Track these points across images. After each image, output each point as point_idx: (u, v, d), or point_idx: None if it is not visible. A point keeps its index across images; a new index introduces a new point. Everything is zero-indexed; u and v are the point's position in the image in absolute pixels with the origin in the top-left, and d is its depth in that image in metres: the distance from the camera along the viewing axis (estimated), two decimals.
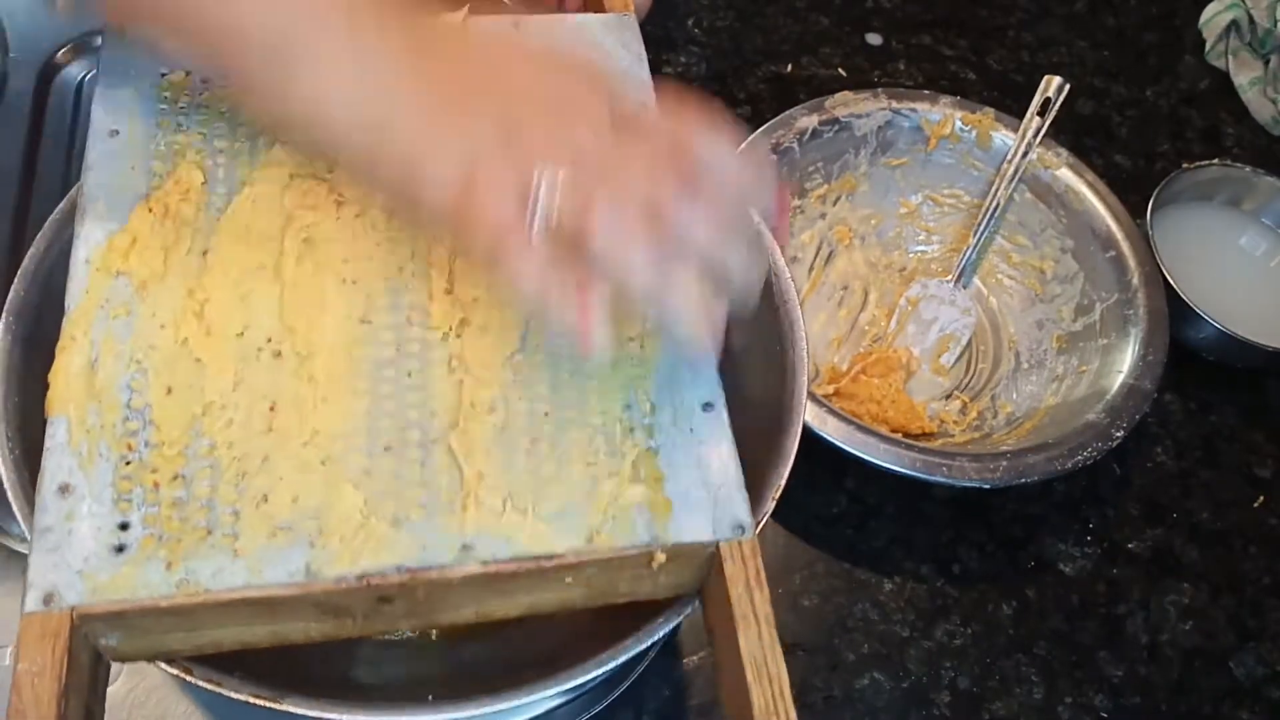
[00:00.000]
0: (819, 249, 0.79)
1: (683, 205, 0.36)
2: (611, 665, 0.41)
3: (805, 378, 0.50)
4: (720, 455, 0.40)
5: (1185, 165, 0.83)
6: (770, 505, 0.45)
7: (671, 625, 0.42)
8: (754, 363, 0.52)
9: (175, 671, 0.38)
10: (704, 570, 0.39)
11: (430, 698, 0.39)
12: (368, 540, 0.36)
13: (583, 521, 0.37)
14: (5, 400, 0.44)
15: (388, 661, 0.52)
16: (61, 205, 0.48)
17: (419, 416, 0.39)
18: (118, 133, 0.44)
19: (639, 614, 0.42)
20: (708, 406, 0.41)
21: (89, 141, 0.44)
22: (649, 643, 0.41)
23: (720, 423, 0.41)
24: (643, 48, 0.51)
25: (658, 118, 0.38)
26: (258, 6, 0.37)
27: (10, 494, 0.41)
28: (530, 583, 0.37)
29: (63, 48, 0.73)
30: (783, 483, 0.46)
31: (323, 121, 0.38)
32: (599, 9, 0.53)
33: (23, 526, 0.40)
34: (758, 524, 0.40)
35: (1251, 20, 0.95)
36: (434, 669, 0.53)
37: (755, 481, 0.41)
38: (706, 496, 0.39)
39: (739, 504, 0.39)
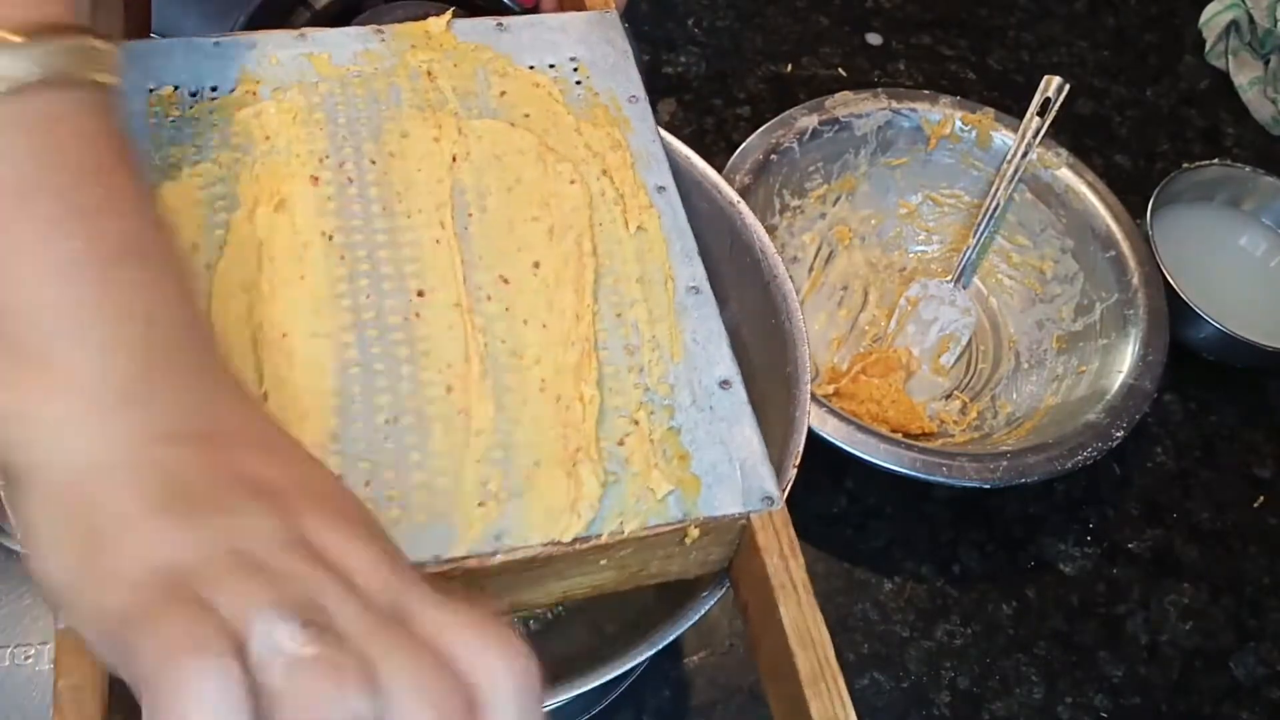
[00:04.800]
0: (819, 249, 0.79)
1: None
2: (625, 667, 0.41)
3: (806, 347, 0.50)
4: (742, 430, 0.40)
5: (1185, 165, 0.83)
6: (792, 474, 0.45)
7: (692, 621, 0.42)
8: (753, 340, 0.53)
9: None
10: (734, 544, 0.40)
11: None
12: (401, 535, 0.36)
13: (613, 504, 0.38)
14: None
15: None
16: None
17: (444, 410, 0.39)
18: None
19: (647, 619, 0.42)
20: (725, 384, 0.41)
21: None
22: (679, 631, 0.42)
23: (739, 399, 0.41)
24: (628, 44, 0.51)
25: (446, 625, 0.27)
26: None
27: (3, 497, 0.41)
28: (564, 567, 0.38)
29: None
30: (800, 450, 0.46)
31: (14, 441, 0.28)
32: (579, 7, 0.53)
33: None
34: (783, 491, 0.40)
35: (1251, 20, 0.95)
36: None
37: (771, 452, 0.42)
38: (733, 471, 0.39)
39: (765, 476, 0.39)
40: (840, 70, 0.92)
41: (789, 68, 0.91)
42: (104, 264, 0.30)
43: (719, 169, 0.55)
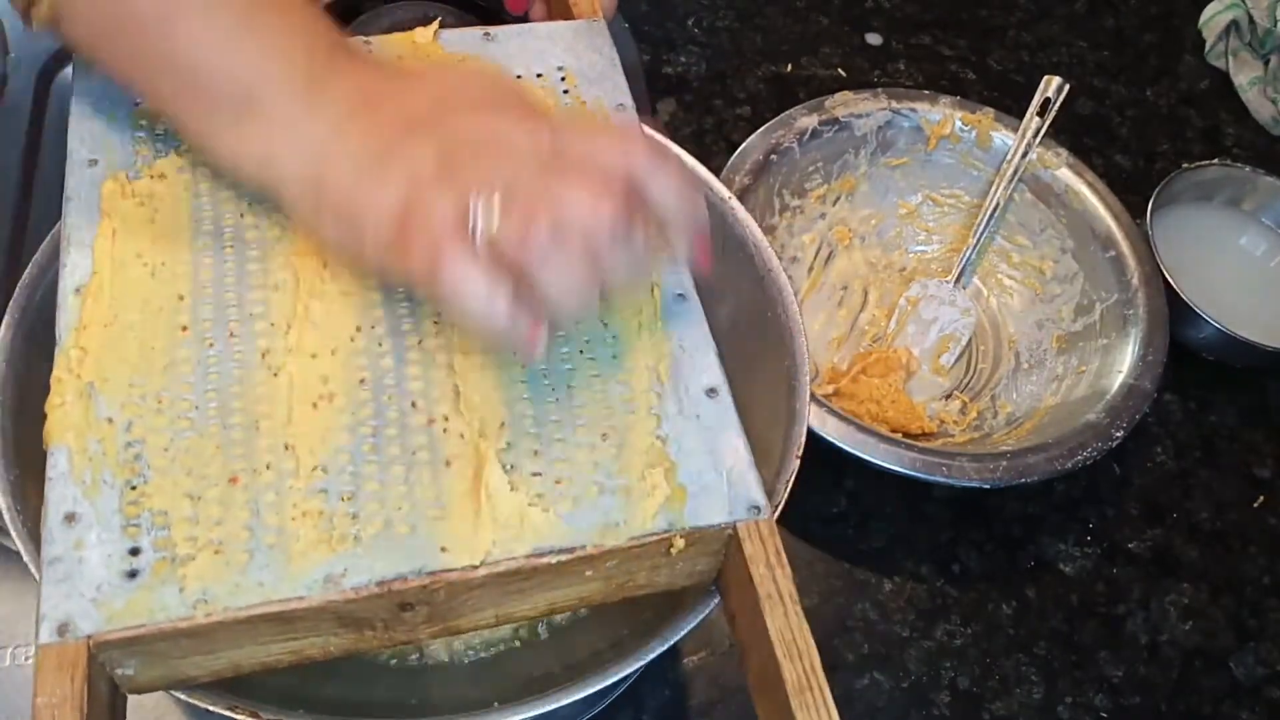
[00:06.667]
0: (819, 249, 0.79)
1: (618, 230, 0.36)
2: (626, 670, 0.41)
3: (803, 338, 0.50)
4: (729, 439, 0.40)
5: (1185, 165, 0.83)
6: (795, 465, 0.45)
7: (695, 622, 0.42)
8: (750, 335, 0.53)
9: (239, 717, 0.37)
10: (721, 555, 0.39)
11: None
12: (384, 547, 0.36)
13: (598, 515, 0.38)
14: (2, 419, 0.43)
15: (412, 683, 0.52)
16: (47, 240, 0.47)
17: (429, 423, 0.39)
18: (96, 162, 0.43)
19: (649, 621, 0.42)
20: (712, 392, 0.41)
21: (68, 172, 0.43)
22: (671, 641, 0.42)
23: (726, 407, 0.41)
24: (615, 51, 0.51)
25: (590, 146, 0.38)
26: (224, 53, 0.39)
27: (7, 518, 0.41)
28: (550, 579, 0.37)
29: (63, 48, 0.73)
30: (802, 441, 0.46)
31: (270, 174, 0.40)
32: (566, 15, 0.53)
33: (18, 545, 0.39)
34: (787, 483, 0.40)
35: (1251, 20, 0.95)
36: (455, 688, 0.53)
37: (768, 455, 0.42)
38: (719, 480, 0.39)
39: (752, 485, 0.39)
40: (840, 70, 0.92)
41: (789, 68, 0.91)
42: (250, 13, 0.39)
43: (719, 169, 0.55)
